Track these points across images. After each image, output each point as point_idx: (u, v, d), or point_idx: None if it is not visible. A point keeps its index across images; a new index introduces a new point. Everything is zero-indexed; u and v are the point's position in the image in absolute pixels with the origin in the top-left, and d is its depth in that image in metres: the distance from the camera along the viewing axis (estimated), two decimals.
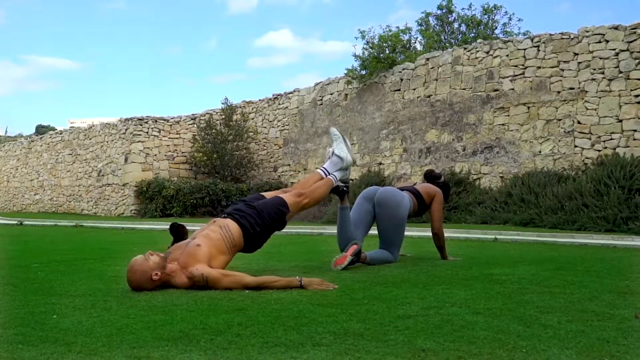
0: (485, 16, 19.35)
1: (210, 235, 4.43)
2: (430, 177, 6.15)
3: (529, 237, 9.23)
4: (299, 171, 19.97)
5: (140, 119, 21.72)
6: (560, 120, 12.99)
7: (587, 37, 12.63)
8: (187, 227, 7.28)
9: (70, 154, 25.25)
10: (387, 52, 17.26)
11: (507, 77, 13.99)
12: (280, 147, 21.07)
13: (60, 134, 26.56)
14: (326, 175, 5.25)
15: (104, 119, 23.72)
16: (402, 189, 5.79)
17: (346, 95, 18.44)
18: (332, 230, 11.69)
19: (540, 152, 13.28)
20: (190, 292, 4.02)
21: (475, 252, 6.83)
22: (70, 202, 25.17)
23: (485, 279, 4.46)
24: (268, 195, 5.00)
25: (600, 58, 12.39)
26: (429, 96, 15.81)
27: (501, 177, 13.96)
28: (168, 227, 7.25)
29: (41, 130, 63.08)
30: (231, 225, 4.54)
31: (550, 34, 13.31)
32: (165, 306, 3.58)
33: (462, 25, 19.50)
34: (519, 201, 12.37)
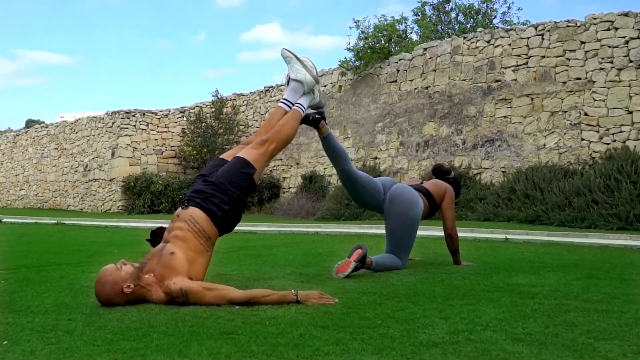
0: (484, 5, 18.76)
1: (180, 235, 3.79)
2: (439, 172, 5.57)
3: (539, 236, 8.67)
4: (292, 165, 19.38)
5: (127, 112, 21.11)
6: (566, 112, 12.42)
7: (594, 24, 12.07)
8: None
9: (56, 149, 24.60)
10: (383, 42, 16.65)
11: (510, 67, 13.42)
12: None
13: (46, 127, 25.89)
14: (290, 107, 4.39)
15: (94, 114, 23.03)
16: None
17: (340, 87, 17.84)
18: (328, 229, 11.15)
19: (544, 145, 12.72)
20: (171, 308, 3.46)
21: (488, 254, 6.27)
22: (56, 197, 24.51)
23: (512, 291, 3.88)
24: (229, 155, 4.25)
25: (609, 46, 11.84)
26: (426, 87, 15.23)
27: (503, 171, 13.39)
28: (152, 232, 6.70)
29: (31, 124, 62.28)
30: (197, 216, 3.86)
31: (555, 22, 12.75)
32: (139, 328, 3.02)
33: (460, 14, 18.90)
34: (524, 197, 11.81)
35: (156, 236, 6.44)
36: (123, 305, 3.50)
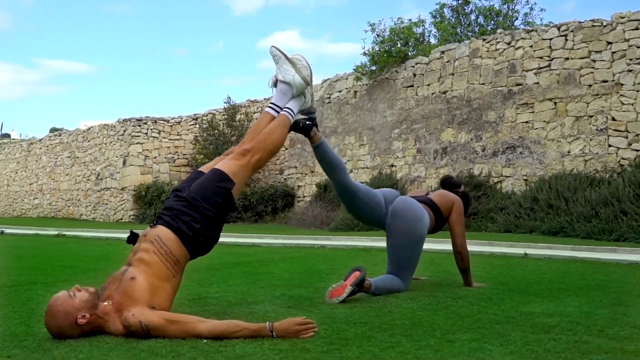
0: (505, 6, 18.07)
1: (144, 258, 3.28)
2: (448, 184, 5.01)
3: (563, 251, 8.02)
4: (306, 174, 18.86)
5: (139, 120, 20.77)
6: (591, 116, 11.76)
7: (622, 23, 11.40)
8: None
9: (69, 157, 24.38)
10: (399, 45, 16.08)
11: (531, 70, 12.77)
12: (286, 149, 19.99)
13: (59, 135, 25.69)
14: (277, 113, 3.91)
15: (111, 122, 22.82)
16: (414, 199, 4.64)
17: (355, 92, 17.30)
18: (337, 242, 10.58)
19: (569, 152, 12.06)
20: (128, 341, 2.97)
21: (504, 273, 5.68)
22: (69, 206, 24.26)
23: (524, 323, 3.30)
24: (207, 168, 3.75)
25: (638, 47, 11.17)
26: (444, 92, 14.63)
27: (525, 180, 12.75)
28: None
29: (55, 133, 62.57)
30: (164, 235, 3.37)
31: (580, 22, 12.10)
32: None
33: (480, 16, 18.23)
34: (547, 207, 11.15)
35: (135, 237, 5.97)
36: (77, 338, 3.03)
